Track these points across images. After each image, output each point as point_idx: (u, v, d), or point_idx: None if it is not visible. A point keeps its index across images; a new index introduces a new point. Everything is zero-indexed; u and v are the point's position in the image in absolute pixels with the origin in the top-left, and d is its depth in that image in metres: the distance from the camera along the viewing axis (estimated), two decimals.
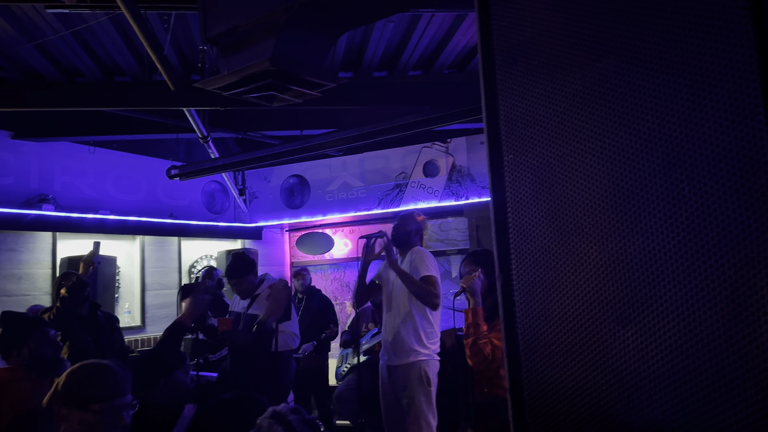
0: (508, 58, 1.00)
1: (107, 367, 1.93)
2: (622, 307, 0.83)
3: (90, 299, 4.19)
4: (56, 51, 4.49)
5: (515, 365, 1.01)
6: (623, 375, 0.83)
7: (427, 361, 3.70)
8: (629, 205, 0.82)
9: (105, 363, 1.97)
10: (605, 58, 0.85)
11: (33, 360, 2.54)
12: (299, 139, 5.44)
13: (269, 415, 1.50)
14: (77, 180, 6.25)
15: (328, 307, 6.05)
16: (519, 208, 0.99)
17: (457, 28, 4.49)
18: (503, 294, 1.02)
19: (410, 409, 3.66)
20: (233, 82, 2.32)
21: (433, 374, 3.72)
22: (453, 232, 7.28)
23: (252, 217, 8.12)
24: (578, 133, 0.88)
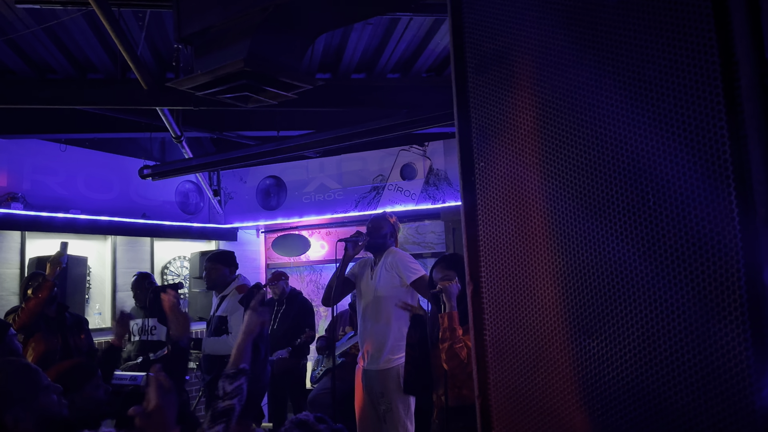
0: (479, 65, 1.00)
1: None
2: (588, 317, 0.83)
3: (58, 300, 4.11)
4: (27, 47, 4.39)
5: (483, 372, 1.01)
6: (589, 384, 0.83)
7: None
8: (596, 214, 0.82)
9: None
10: (575, 67, 0.85)
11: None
12: (276, 140, 5.40)
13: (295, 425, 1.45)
14: (47, 178, 6.12)
15: (307, 311, 6.00)
16: (489, 216, 0.99)
17: (435, 32, 4.50)
18: (473, 301, 1.02)
19: (387, 416, 3.62)
20: (207, 82, 2.30)
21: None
22: (429, 235, 7.30)
23: (227, 218, 8.04)
24: (547, 141, 0.89)
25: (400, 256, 3.77)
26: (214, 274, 4.26)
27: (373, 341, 3.70)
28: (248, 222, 7.99)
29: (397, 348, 3.62)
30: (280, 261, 8.25)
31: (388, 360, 3.64)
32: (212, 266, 4.29)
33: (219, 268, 4.26)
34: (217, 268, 4.25)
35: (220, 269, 4.26)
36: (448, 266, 2.89)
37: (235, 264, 4.38)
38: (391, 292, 3.67)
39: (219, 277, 4.25)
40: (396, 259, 3.72)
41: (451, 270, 2.85)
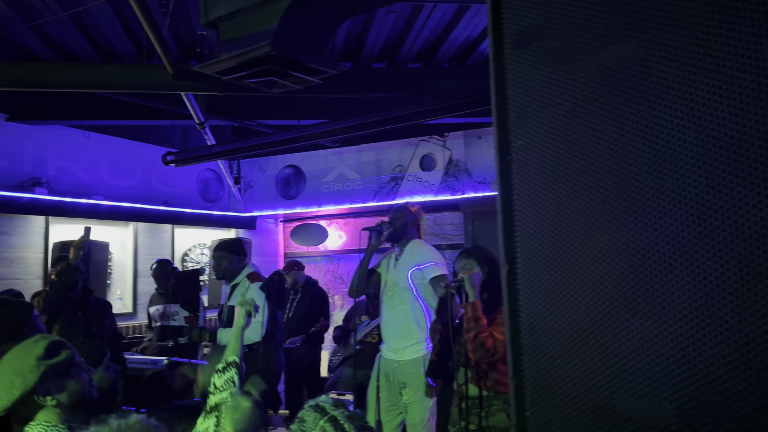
0: (518, 42, 0.98)
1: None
2: (631, 297, 0.82)
3: (82, 284, 4.16)
4: (53, 33, 4.43)
5: (517, 354, 0.99)
6: (630, 364, 0.82)
7: (428, 356, 3.58)
8: (642, 193, 0.80)
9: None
10: (620, 41, 0.83)
11: None
12: (296, 129, 5.40)
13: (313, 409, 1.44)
14: (71, 164, 6.19)
15: (321, 300, 6.03)
16: (526, 195, 0.98)
17: (458, 21, 4.46)
18: (508, 282, 1.00)
19: (409, 408, 3.60)
20: (233, 66, 2.30)
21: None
22: (448, 227, 7.27)
23: (246, 206, 8.08)
24: (590, 119, 0.87)
25: (426, 248, 3.73)
26: (222, 263, 4.12)
27: (394, 332, 3.69)
28: (267, 211, 8.03)
29: (418, 340, 3.61)
30: (298, 250, 8.28)
31: (408, 351, 3.63)
32: (219, 255, 4.15)
33: (227, 256, 4.11)
34: (225, 257, 4.11)
35: (229, 258, 4.11)
36: (469, 256, 2.88)
37: (243, 252, 4.22)
38: (411, 283, 3.66)
39: (228, 265, 4.11)
40: (420, 252, 3.69)
41: (473, 259, 2.83)
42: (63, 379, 1.76)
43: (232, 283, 4.17)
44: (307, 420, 1.41)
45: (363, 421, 1.41)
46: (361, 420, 1.41)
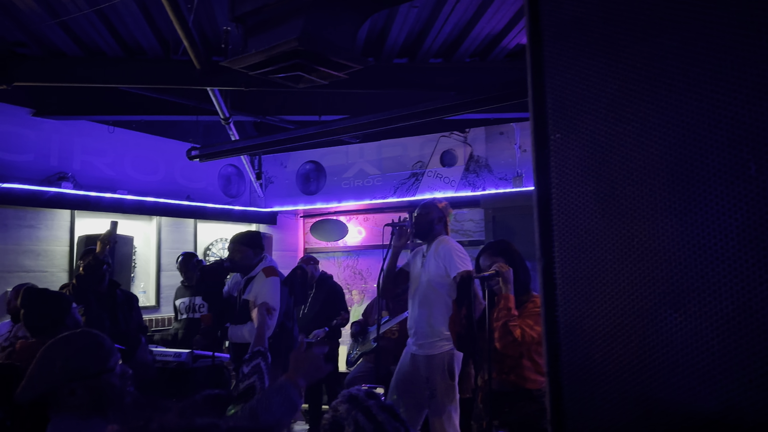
0: (557, 33, 0.97)
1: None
2: (674, 291, 0.80)
3: (110, 277, 4.22)
4: (78, 29, 4.49)
5: (554, 349, 0.98)
6: (673, 360, 0.81)
7: (453, 353, 3.62)
8: (688, 185, 0.79)
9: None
10: (665, 32, 0.81)
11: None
12: (318, 124, 5.42)
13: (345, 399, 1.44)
14: (96, 159, 6.28)
15: (337, 294, 6.04)
16: (564, 188, 0.96)
17: (481, 15, 4.42)
18: (544, 277, 0.99)
19: (431, 403, 3.62)
20: (260, 62, 2.31)
21: (458, 366, 3.67)
22: (468, 223, 7.25)
23: (267, 202, 8.13)
24: (633, 110, 0.85)
25: (451, 246, 3.72)
26: (237, 256, 4.08)
27: (420, 327, 3.72)
28: (288, 206, 8.07)
29: (442, 336, 3.61)
30: (318, 245, 8.31)
31: (433, 346, 3.64)
32: (235, 247, 4.11)
33: (242, 249, 4.07)
34: (240, 249, 4.07)
35: (244, 250, 4.07)
36: (496, 253, 2.85)
37: (259, 245, 4.17)
38: (437, 281, 3.67)
39: (243, 258, 4.08)
40: (445, 249, 3.69)
41: (500, 257, 2.81)
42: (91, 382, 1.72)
43: (247, 276, 4.15)
44: (340, 410, 1.42)
45: (395, 412, 1.41)
46: (394, 411, 1.41)
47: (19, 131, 5.68)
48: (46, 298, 2.75)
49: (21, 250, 5.51)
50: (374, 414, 1.37)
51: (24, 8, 4.08)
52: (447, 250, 3.67)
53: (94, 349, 1.79)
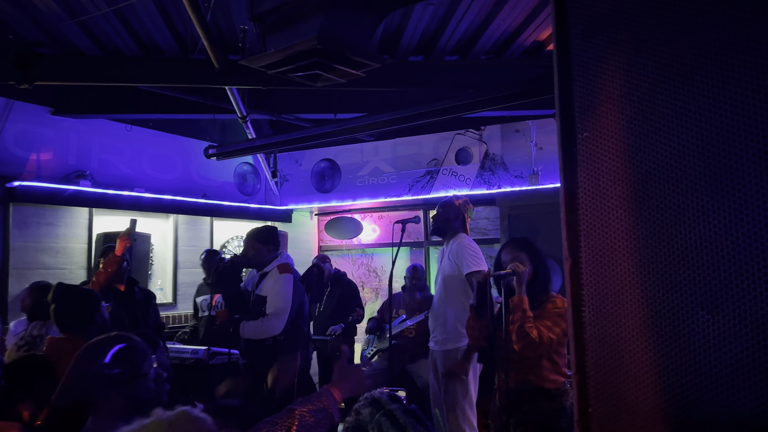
0: (586, 30, 0.96)
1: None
2: (707, 292, 0.79)
3: (128, 275, 4.26)
4: (97, 28, 4.53)
5: (581, 349, 0.98)
6: (704, 362, 0.80)
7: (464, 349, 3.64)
8: (720, 185, 0.78)
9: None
10: (698, 30, 0.80)
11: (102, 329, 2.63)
12: (333, 122, 5.42)
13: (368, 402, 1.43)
14: (114, 157, 6.34)
15: (352, 291, 6.06)
16: (591, 188, 0.96)
17: (498, 12, 4.40)
18: (572, 277, 0.99)
19: (446, 398, 3.65)
20: (279, 60, 2.31)
21: (474, 364, 3.66)
22: (483, 221, 7.22)
23: (282, 199, 8.16)
24: (666, 109, 0.84)
25: (464, 244, 3.74)
26: (250, 252, 4.11)
27: (437, 322, 3.78)
28: (303, 204, 8.09)
29: (458, 332, 3.63)
30: (333, 243, 8.33)
31: (448, 341, 3.69)
32: (249, 243, 4.13)
33: (255, 245, 4.09)
34: (254, 246, 4.09)
35: (257, 247, 4.08)
36: (520, 248, 2.82)
37: (273, 242, 4.18)
38: (450, 279, 3.72)
39: (256, 254, 4.09)
40: (458, 247, 3.71)
41: (523, 252, 2.78)
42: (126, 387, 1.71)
43: (261, 272, 4.17)
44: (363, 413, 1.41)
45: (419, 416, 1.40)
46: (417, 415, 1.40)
47: (38, 130, 5.75)
48: (77, 295, 2.78)
49: (40, 248, 5.58)
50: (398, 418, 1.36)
51: (43, 8, 4.12)
52: (460, 248, 3.68)
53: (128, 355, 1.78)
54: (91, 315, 2.66)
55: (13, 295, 5.32)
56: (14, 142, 5.58)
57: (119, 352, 1.78)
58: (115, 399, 1.70)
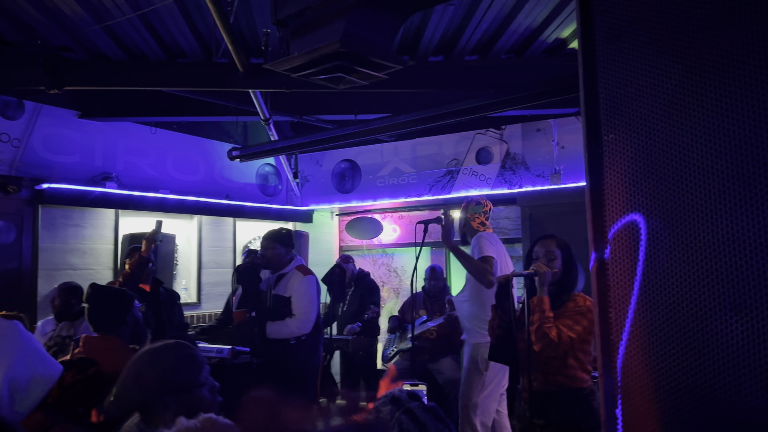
0: (611, 34, 0.97)
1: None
2: (736, 293, 0.80)
3: (154, 275, 4.33)
4: (122, 33, 4.61)
5: (608, 350, 0.98)
6: (733, 362, 0.80)
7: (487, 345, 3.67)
8: (750, 187, 0.78)
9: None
10: (725, 33, 0.81)
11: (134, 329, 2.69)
12: (354, 124, 5.45)
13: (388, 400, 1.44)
14: (139, 159, 6.45)
15: (372, 290, 6.09)
16: (618, 189, 0.96)
17: (518, 12, 4.39)
18: (598, 279, 0.99)
19: (463, 389, 3.76)
20: (302, 64, 2.34)
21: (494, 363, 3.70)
22: (504, 221, 7.19)
23: (303, 200, 8.21)
24: (691, 111, 0.85)
25: (478, 238, 3.83)
26: (269, 253, 4.19)
27: (461, 317, 3.94)
28: (324, 204, 8.14)
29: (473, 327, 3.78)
30: (353, 243, 8.36)
31: (469, 335, 3.83)
32: (267, 244, 4.21)
33: (274, 246, 4.18)
34: (273, 247, 4.18)
35: (276, 247, 4.17)
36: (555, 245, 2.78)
37: (291, 244, 4.28)
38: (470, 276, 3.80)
39: (274, 256, 4.18)
40: (473, 242, 3.80)
41: (557, 249, 2.76)
42: (184, 396, 1.70)
43: (279, 272, 4.23)
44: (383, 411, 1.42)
45: (439, 414, 1.41)
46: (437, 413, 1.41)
47: (65, 133, 5.87)
48: (110, 295, 2.83)
49: (68, 249, 5.70)
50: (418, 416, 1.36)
51: (71, 14, 4.21)
52: (475, 241, 3.80)
53: (187, 363, 1.78)
54: (123, 315, 2.71)
55: (42, 295, 5.45)
56: (42, 146, 5.71)
57: (181, 360, 1.77)
58: (172, 407, 1.69)
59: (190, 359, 1.79)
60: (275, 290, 4.19)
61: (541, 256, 2.75)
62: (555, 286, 2.71)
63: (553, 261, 2.72)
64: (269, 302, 4.21)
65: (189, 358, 1.80)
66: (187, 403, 1.71)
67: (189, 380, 1.75)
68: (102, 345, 2.61)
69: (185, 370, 1.76)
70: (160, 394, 1.70)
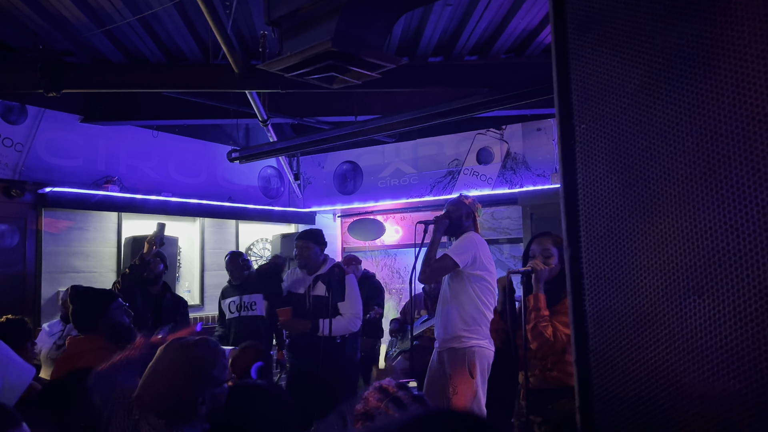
0: (581, 26, 0.98)
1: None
2: (698, 277, 0.81)
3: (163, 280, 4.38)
4: (123, 37, 4.66)
5: (582, 337, 1.00)
6: (699, 345, 0.81)
7: (474, 350, 3.55)
8: (712, 174, 0.80)
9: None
10: (687, 22, 0.82)
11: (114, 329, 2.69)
12: (353, 124, 5.48)
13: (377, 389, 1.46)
14: (141, 163, 6.49)
15: (376, 291, 6.09)
16: (590, 178, 0.98)
17: (517, 10, 4.40)
18: (572, 267, 1.01)
19: (453, 398, 3.57)
20: (295, 64, 2.36)
21: (482, 365, 3.57)
22: (505, 221, 7.20)
23: (306, 202, 8.25)
24: (657, 100, 0.86)
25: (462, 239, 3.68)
26: (306, 252, 4.15)
27: (443, 322, 3.66)
28: (326, 206, 8.17)
29: (465, 331, 3.56)
30: (356, 245, 8.38)
31: (455, 341, 3.60)
32: (304, 244, 4.16)
33: (311, 246, 4.15)
34: (309, 247, 4.14)
35: (312, 247, 4.14)
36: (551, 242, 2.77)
37: (324, 242, 4.26)
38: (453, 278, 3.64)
39: (311, 255, 4.14)
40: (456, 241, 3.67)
41: (553, 247, 2.75)
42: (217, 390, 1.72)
43: (316, 273, 4.19)
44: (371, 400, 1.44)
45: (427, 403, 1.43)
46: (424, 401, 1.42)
47: (68, 137, 5.92)
48: (89, 295, 2.83)
49: (71, 252, 5.74)
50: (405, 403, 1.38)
51: (72, 19, 4.26)
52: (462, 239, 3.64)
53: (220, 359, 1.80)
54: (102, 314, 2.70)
55: (46, 298, 5.49)
56: (45, 150, 5.76)
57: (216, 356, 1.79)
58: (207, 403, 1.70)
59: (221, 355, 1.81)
60: (314, 291, 4.15)
61: (538, 253, 2.75)
62: (552, 283, 2.71)
63: (549, 258, 2.72)
64: (309, 304, 4.15)
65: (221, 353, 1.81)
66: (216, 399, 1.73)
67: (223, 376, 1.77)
68: (86, 345, 2.62)
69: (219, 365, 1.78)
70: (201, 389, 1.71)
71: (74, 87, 4.58)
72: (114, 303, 2.80)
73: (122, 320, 2.78)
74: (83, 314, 2.74)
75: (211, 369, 1.75)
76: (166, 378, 1.73)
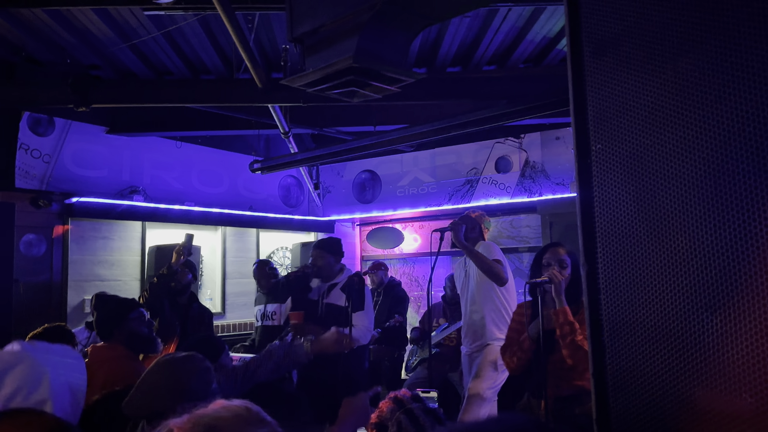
0: (596, 49, 1.02)
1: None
2: (711, 294, 0.84)
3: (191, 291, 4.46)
4: (148, 51, 4.77)
5: (599, 351, 1.03)
6: (711, 361, 0.84)
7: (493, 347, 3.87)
8: (723, 194, 0.83)
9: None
10: (699, 48, 0.86)
11: (132, 338, 2.74)
12: (373, 135, 5.53)
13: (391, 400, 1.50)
14: (165, 173, 6.62)
15: (398, 299, 6.11)
16: (606, 197, 1.01)
17: (534, 22, 4.43)
18: (588, 282, 1.04)
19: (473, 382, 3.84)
20: (317, 79, 2.42)
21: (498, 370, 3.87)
22: (525, 230, 7.20)
23: (325, 210, 8.32)
24: (670, 122, 0.90)
25: (487, 245, 3.96)
26: (320, 262, 4.20)
27: (472, 328, 3.96)
28: (345, 215, 8.23)
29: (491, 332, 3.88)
30: (375, 253, 8.43)
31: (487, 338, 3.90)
32: (318, 253, 4.23)
33: (326, 256, 4.19)
34: (323, 256, 4.19)
35: (326, 257, 4.19)
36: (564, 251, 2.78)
37: (341, 252, 4.30)
38: (482, 280, 3.86)
39: (324, 264, 4.19)
40: (484, 247, 3.92)
41: (566, 256, 2.76)
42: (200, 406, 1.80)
43: (330, 282, 4.24)
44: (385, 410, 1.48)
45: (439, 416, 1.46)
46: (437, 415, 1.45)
47: (93, 148, 6.06)
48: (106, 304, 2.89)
49: (96, 260, 5.86)
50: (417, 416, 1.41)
51: (99, 34, 4.38)
52: (486, 247, 3.90)
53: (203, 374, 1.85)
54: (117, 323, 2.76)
55: (72, 306, 5.61)
56: (72, 161, 5.90)
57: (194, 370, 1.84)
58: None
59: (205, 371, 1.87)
60: (328, 299, 4.19)
61: (554, 262, 2.75)
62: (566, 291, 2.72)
63: (564, 269, 2.73)
64: (321, 311, 4.20)
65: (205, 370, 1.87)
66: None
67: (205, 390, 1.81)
68: (107, 354, 2.68)
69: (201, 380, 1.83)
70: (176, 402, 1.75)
71: (103, 102, 4.71)
72: (133, 312, 2.84)
73: (140, 330, 2.82)
74: (103, 321, 2.81)
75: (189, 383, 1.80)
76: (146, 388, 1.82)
